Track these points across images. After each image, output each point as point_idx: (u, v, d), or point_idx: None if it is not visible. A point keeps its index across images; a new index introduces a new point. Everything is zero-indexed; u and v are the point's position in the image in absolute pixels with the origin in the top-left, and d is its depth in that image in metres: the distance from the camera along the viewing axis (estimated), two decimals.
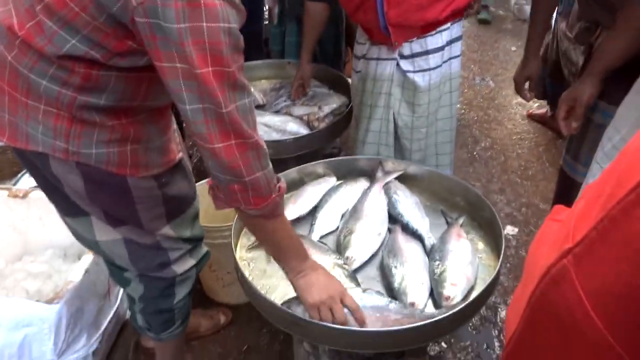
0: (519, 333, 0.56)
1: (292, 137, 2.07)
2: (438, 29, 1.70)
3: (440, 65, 1.75)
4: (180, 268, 1.32)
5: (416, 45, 1.71)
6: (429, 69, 1.74)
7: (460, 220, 1.50)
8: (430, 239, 1.41)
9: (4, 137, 1.06)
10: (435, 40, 1.71)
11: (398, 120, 1.84)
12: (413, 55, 1.73)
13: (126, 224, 1.19)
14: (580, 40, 1.77)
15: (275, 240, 1.14)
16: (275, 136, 2.09)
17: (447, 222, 1.53)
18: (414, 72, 1.74)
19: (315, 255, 1.33)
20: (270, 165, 1.02)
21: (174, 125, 1.26)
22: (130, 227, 1.20)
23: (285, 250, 1.16)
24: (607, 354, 0.42)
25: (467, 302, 1.17)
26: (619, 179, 0.42)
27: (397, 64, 1.75)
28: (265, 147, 0.99)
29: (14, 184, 2.16)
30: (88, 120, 1.02)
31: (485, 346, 1.83)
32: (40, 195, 1.85)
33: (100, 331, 1.65)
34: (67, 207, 1.19)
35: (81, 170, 1.07)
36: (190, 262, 1.35)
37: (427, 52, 1.72)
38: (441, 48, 1.73)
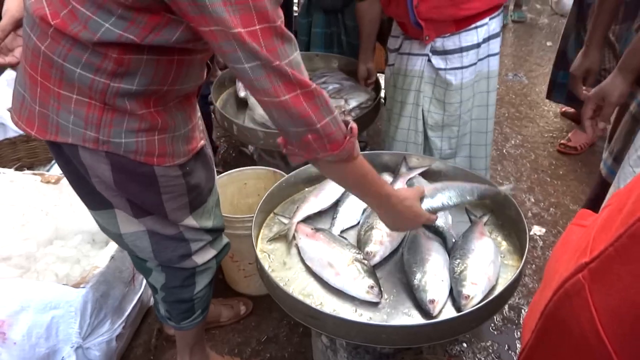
0: (532, 343, 0.55)
1: None
2: (474, 25, 1.66)
3: (475, 63, 1.70)
4: (201, 259, 1.34)
5: (449, 42, 1.67)
6: (462, 67, 1.69)
7: (485, 219, 1.47)
8: (451, 237, 1.40)
9: (33, 130, 1.08)
10: (470, 37, 1.66)
11: (428, 118, 1.80)
12: (446, 52, 1.69)
13: (151, 214, 1.21)
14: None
15: (357, 181, 1.14)
16: None
17: (471, 220, 1.50)
18: (446, 69, 1.70)
19: (335, 249, 1.33)
20: (337, 111, 1.02)
21: (199, 113, 1.28)
22: (155, 218, 1.22)
23: (368, 188, 1.16)
24: None
25: (486, 302, 1.15)
26: None
27: (429, 60, 1.71)
28: (325, 93, 0.99)
29: (48, 170, 2.23)
30: (119, 109, 1.03)
31: (506, 347, 1.80)
32: None
33: (124, 316, 1.69)
34: (92, 200, 1.21)
35: (110, 160, 1.09)
36: (211, 252, 1.37)
37: (461, 50, 1.67)
38: (477, 45, 1.68)
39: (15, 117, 1.12)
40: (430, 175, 1.64)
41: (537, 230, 2.34)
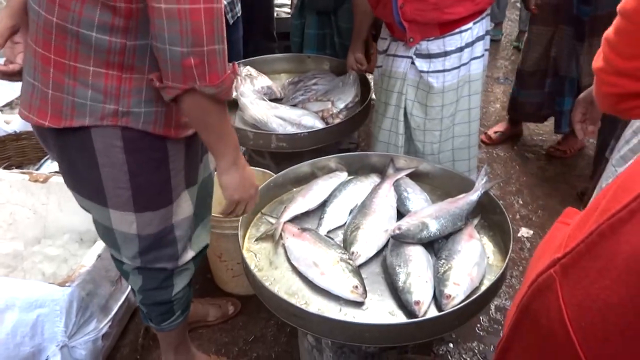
0: (508, 335, 0.56)
1: (307, 130, 2.08)
2: (458, 29, 1.67)
3: (457, 67, 1.71)
4: (180, 260, 1.34)
5: (433, 46, 1.68)
6: (444, 70, 1.70)
7: (475, 221, 1.48)
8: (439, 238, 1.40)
9: (46, 120, 1.07)
10: (454, 41, 1.67)
11: (411, 121, 1.81)
12: (430, 56, 1.70)
13: (150, 209, 1.21)
14: None
15: (221, 127, 1.10)
16: (291, 129, 2.10)
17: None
18: (429, 72, 1.71)
19: (321, 249, 1.33)
20: (226, 46, 1.00)
21: None
22: (153, 214, 1.22)
23: (228, 137, 1.12)
24: None
25: (467, 302, 1.16)
26: (616, 192, 0.42)
27: (413, 62, 1.73)
28: (223, 20, 0.97)
29: (37, 169, 2.22)
30: (138, 71, 1.04)
31: (492, 348, 1.81)
32: (59, 180, 1.90)
33: (111, 315, 1.69)
34: (90, 191, 1.20)
35: (124, 139, 1.09)
36: (190, 253, 1.37)
37: (445, 54, 1.69)
38: (460, 49, 1.70)
39: (25, 111, 1.11)
40: (417, 177, 1.65)
41: (524, 232, 2.36)
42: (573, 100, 2.62)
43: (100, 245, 1.68)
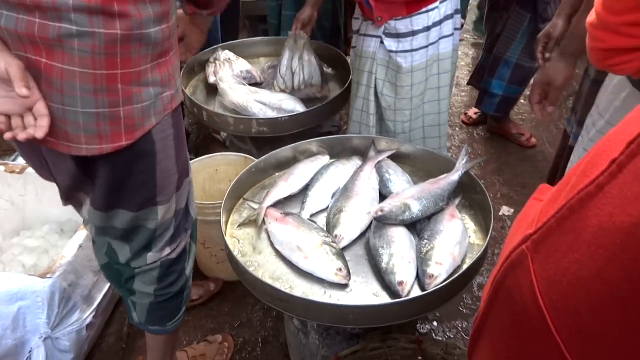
0: (483, 312, 0.56)
1: (288, 115, 2.06)
2: (425, 9, 1.67)
3: (425, 47, 1.70)
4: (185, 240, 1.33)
5: (401, 25, 1.68)
6: (412, 50, 1.70)
7: (456, 201, 1.49)
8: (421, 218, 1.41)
9: (122, 140, 1.02)
10: (421, 20, 1.67)
11: (382, 100, 1.81)
12: (399, 35, 1.70)
13: (180, 186, 1.20)
14: None
15: None
16: (271, 114, 2.09)
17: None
18: (397, 52, 1.71)
19: (304, 233, 1.34)
20: None
21: None
22: (180, 191, 1.21)
23: None
24: (547, 342, 0.42)
25: (450, 281, 1.18)
26: (585, 168, 0.42)
27: (382, 42, 1.72)
28: None
29: (13, 160, 2.18)
30: (174, 45, 1.06)
31: None
32: None
33: (95, 306, 1.68)
34: (143, 199, 1.15)
35: (174, 124, 1.11)
36: (188, 233, 1.34)
37: (413, 33, 1.68)
38: (427, 29, 1.69)
39: (94, 145, 1.01)
40: (399, 159, 1.66)
41: (505, 210, 2.39)
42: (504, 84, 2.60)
43: (81, 235, 1.66)
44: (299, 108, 2.12)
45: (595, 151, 0.42)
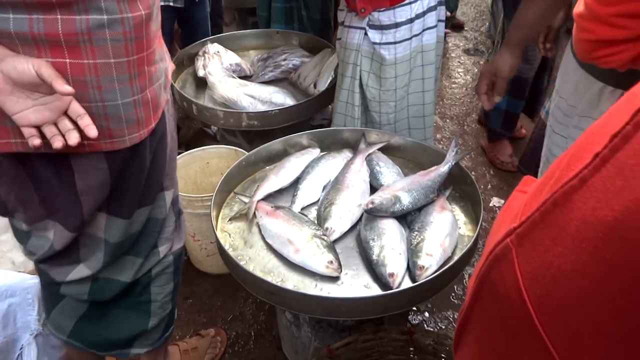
0: (468, 305, 0.57)
1: (278, 108, 2.06)
2: (408, 1, 1.66)
3: (409, 39, 1.70)
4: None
5: (384, 17, 1.67)
6: (395, 42, 1.70)
7: (447, 193, 1.50)
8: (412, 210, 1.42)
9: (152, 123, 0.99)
10: (404, 12, 1.67)
11: (366, 92, 1.81)
12: (382, 27, 1.70)
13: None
14: None
15: None
16: (261, 107, 2.08)
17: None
18: (381, 44, 1.71)
19: (295, 226, 1.34)
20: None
21: None
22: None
23: None
24: (531, 336, 0.42)
25: (440, 272, 1.19)
26: (569, 161, 0.42)
27: (366, 34, 1.72)
28: None
29: None
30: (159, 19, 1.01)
31: None
32: None
33: None
34: (141, 197, 1.09)
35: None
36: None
37: (396, 25, 1.68)
38: (410, 20, 1.69)
39: (137, 132, 0.97)
40: (389, 151, 1.66)
41: (496, 201, 2.41)
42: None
43: None
44: (289, 101, 2.12)
45: (579, 144, 0.42)
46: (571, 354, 0.40)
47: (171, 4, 2.31)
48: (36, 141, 0.84)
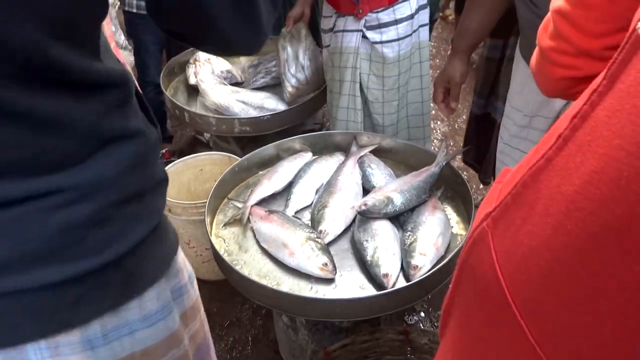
0: (451, 290, 0.58)
1: (270, 113, 2.07)
2: None
3: (410, 35, 1.73)
4: None
5: (384, 15, 1.69)
6: (399, 39, 1.72)
7: (438, 193, 1.51)
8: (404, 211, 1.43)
9: None
10: (404, 9, 1.69)
11: (368, 94, 1.82)
12: (380, 26, 1.71)
13: None
14: None
15: None
16: (253, 113, 2.09)
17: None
18: (382, 42, 1.72)
19: (289, 230, 1.35)
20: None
21: None
22: None
23: None
24: (506, 315, 0.44)
25: (433, 271, 1.20)
26: (538, 146, 0.44)
27: (364, 36, 1.74)
28: None
29: None
30: None
31: None
32: None
33: None
34: None
35: None
36: None
37: (396, 22, 1.70)
38: (411, 16, 1.71)
39: None
40: (380, 153, 1.67)
41: None
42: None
43: None
44: (281, 106, 2.13)
45: (550, 130, 0.44)
46: (541, 330, 0.41)
47: None
48: None
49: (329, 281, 1.27)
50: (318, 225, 1.39)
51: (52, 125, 0.48)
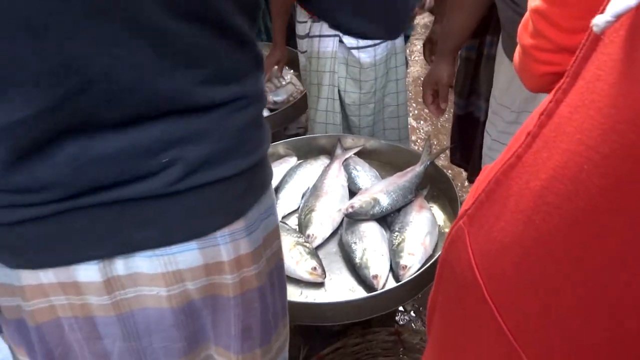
0: (434, 287, 0.59)
1: None
2: None
3: (385, 40, 1.75)
4: None
5: None
6: (374, 45, 1.74)
7: (424, 192, 1.52)
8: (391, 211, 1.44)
9: None
10: None
11: (345, 98, 1.84)
12: None
13: None
14: None
15: None
16: None
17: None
18: (359, 48, 1.74)
19: None
20: None
21: None
22: None
23: None
24: (483, 310, 0.44)
25: (422, 270, 1.20)
26: (511, 144, 0.45)
27: (340, 40, 1.74)
28: None
29: None
30: None
31: None
32: None
33: None
34: None
35: None
36: None
37: None
38: None
39: None
40: (365, 154, 1.68)
41: None
42: None
43: None
44: (263, 112, 2.12)
45: (520, 128, 0.45)
46: (516, 324, 0.42)
47: None
48: None
49: (319, 285, 1.27)
50: (306, 229, 1.38)
51: (244, 44, 0.62)
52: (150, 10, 0.51)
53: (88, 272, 0.61)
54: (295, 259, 1.27)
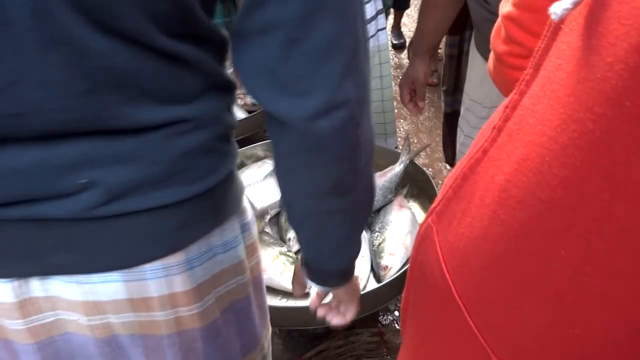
0: (405, 290, 0.58)
1: None
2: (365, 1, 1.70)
3: (373, 36, 1.75)
4: None
5: None
6: None
7: (404, 191, 1.52)
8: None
9: None
10: (369, 9, 1.70)
11: None
12: None
13: None
14: None
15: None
16: None
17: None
18: None
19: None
20: None
21: None
22: None
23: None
24: (452, 308, 0.43)
25: (403, 270, 1.20)
26: (477, 139, 0.44)
27: None
28: None
29: None
30: None
31: None
32: None
33: None
34: None
35: None
36: None
37: None
38: (373, 18, 1.73)
39: None
40: None
41: None
42: None
43: None
44: (241, 114, 2.11)
45: (487, 122, 0.44)
46: (483, 322, 0.41)
47: None
48: None
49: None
50: (286, 233, 1.37)
51: (186, 65, 0.56)
52: (70, 24, 0.46)
53: (0, 291, 0.56)
54: (279, 270, 1.25)
